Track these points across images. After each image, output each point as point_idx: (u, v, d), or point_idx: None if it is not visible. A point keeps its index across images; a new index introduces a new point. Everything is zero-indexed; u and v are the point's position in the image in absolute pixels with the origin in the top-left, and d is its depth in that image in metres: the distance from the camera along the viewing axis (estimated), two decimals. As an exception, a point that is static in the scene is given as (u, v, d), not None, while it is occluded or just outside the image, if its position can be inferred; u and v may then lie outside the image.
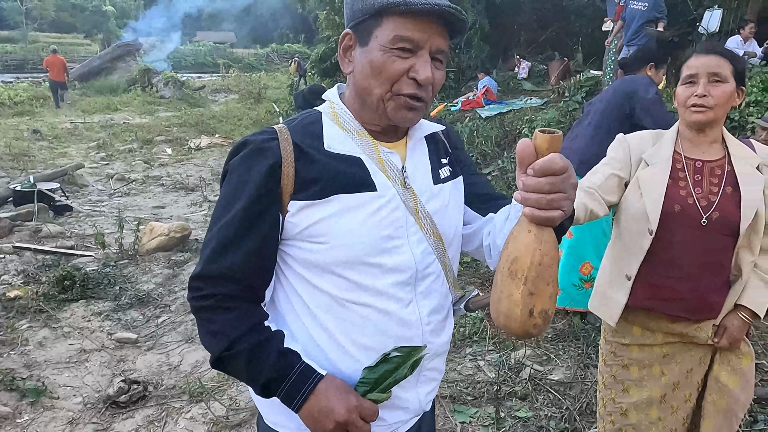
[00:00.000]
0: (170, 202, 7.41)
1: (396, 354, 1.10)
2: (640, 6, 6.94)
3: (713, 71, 1.68)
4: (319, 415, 1.03)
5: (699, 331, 1.80)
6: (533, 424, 2.74)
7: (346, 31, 1.11)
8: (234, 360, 1.05)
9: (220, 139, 11.46)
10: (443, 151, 1.26)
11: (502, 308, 0.94)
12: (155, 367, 3.47)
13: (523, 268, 0.91)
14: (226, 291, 1.06)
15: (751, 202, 1.69)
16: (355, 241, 1.07)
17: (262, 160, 1.06)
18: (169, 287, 4.64)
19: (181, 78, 19.30)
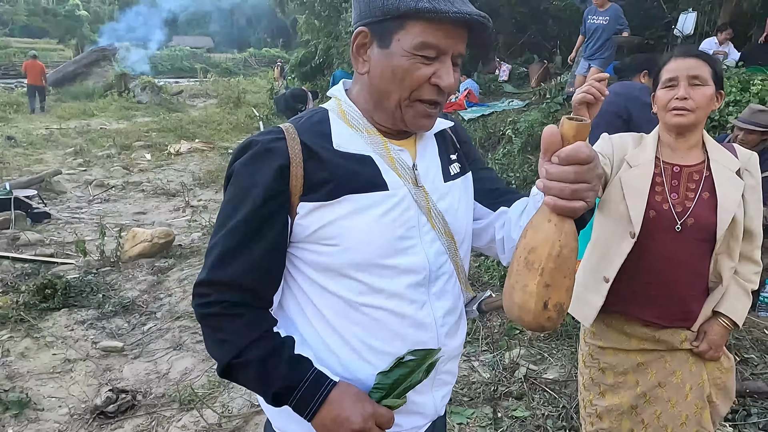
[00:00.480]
0: (152, 208, 7.29)
1: (411, 357, 1.07)
2: (602, 20, 6.99)
3: (693, 74, 1.67)
4: (332, 424, 0.99)
5: (672, 336, 1.76)
6: (530, 424, 2.74)
7: (360, 28, 1.05)
8: (243, 369, 1.02)
9: (201, 144, 11.33)
10: (452, 147, 1.24)
11: (516, 299, 0.91)
12: (143, 376, 3.38)
13: (540, 258, 0.88)
14: (233, 297, 1.02)
15: (728, 207, 1.67)
16: (368, 242, 1.03)
17: (269, 161, 1.02)
18: (154, 294, 4.55)
19: (158, 83, 19.03)
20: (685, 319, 1.74)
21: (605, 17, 6.96)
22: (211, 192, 8.01)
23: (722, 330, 1.74)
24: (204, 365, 3.46)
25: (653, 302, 1.73)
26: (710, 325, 1.75)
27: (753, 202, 1.73)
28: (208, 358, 3.53)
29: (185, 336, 3.83)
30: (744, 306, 1.76)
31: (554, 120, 7.42)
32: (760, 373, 3.13)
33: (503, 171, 6.95)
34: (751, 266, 1.79)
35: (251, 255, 1.02)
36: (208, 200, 7.51)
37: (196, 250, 5.49)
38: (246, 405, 3.02)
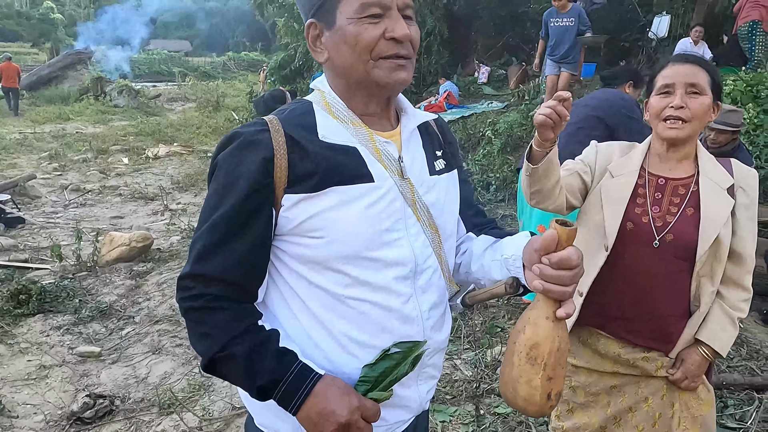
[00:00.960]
0: (129, 212, 7.19)
1: (396, 350, 1.06)
2: (567, 22, 6.93)
3: (691, 81, 1.55)
4: (318, 417, 0.98)
5: (647, 362, 1.67)
6: (513, 420, 2.74)
7: (309, 21, 1.07)
8: (227, 363, 1.00)
9: (179, 148, 11.21)
10: (437, 143, 1.24)
11: (521, 392, 0.98)
12: (121, 381, 3.33)
13: (543, 354, 0.95)
14: (217, 291, 1.00)
15: (711, 226, 1.55)
16: (354, 234, 1.02)
17: (253, 153, 1.01)
18: (132, 298, 4.48)
19: (135, 86, 18.79)
20: (661, 341, 1.65)
21: (570, 18, 6.93)
22: (190, 195, 7.93)
23: (700, 359, 1.61)
24: (184, 369, 3.42)
25: (625, 319, 1.66)
26: (688, 353, 1.63)
27: (745, 222, 1.59)
28: (188, 362, 3.49)
29: (164, 340, 3.77)
30: (729, 335, 1.61)
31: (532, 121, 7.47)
32: (736, 365, 3.18)
33: (483, 172, 7.01)
34: (740, 293, 1.63)
35: (235, 248, 1.00)
36: (188, 203, 7.43)
37: (175, 254, 5.42)
38: (227, 408, 2.98)
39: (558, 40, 7.04)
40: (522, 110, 7.89)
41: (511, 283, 1.06)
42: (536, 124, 1.43)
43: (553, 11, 7.08)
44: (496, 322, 3.69)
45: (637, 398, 1.71)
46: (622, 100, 3.62)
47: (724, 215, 1.56)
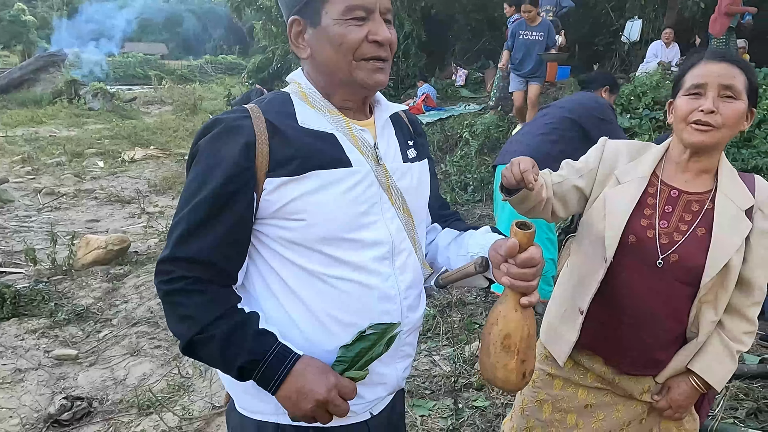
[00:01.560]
0: (105, 215, 7.09)
1: (372, 332, 1.10)
2: (537, 36, 6.68)
3: (726, 83, 1.36)
4: (297, 395, 1.02)
5: (634, 384, 1.56)
6: (490, 412, 2.80)
7: (293, 18, 1.11)
8: (207, 344, 1.02)
9: (156, 151, 11.08)
10: (408, 134, 1.29)
11: (499, 375, 1.11)
12: (99, 383, 3.30)
13: (515, 342, 1.08)
14: (197, 274, 1.03)
15: (722, 251, 1.38)
16: (333, 217, 1.07)
17: (235, 138, 1.04)
18: (109, 301, 4.44)
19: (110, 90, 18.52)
20: (651, 366, 1.53)
21: (540, 32, 6.68)
22: (167, 198, 7.85)
23: (690, 390, 1.49)
24: (163, 370, 3.40)
25: (618, 343, 1.51)
26: (677, 381, 1.51)
27: (760, 249, 1.42)
28: (167, 363, 3.48)
29: (143, 342, 3.75)
30: (726, 369, 1.47)
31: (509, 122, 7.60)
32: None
33: (461, 172, 7.08)
34: (743, 324, 1.47)
35: (216, 231, 1.03)
36: (165, 206, 7.36)
37: (153, 256, 5.37)
38: (207, 407, 2.98)
39: (525, 54, 6.78)
40: (499, 112, 8.00)
41: (480, 262, 1.13)
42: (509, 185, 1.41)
43: (522, 23, 6.82)
44: (474, 319, 3.75)
45: (614, 422, 1.59)
46: (596, 103, 3.73)
47: (738, 241, 1.39)
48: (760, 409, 2.74)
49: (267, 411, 1.14)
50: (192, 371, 3.35)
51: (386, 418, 1.25)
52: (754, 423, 2.65)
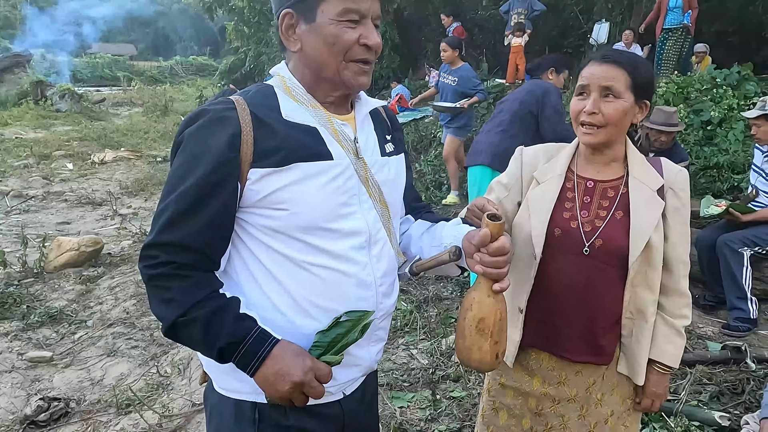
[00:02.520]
0: (76, 217, 6.98)
1: (347, 319, 1.16)
2: (450, 81, 5.98)
3: (605, 84, 1.45)
4: (275, 377, 1.05)
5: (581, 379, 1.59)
6: (467, 402, 2.87)
7: (286, 11, 1.13)
8: (189, 326, 1.06)
9: (127, 153, 10.93)
10: (386, 129, 1.35)
11: (474, 357, 1.18)
12: (75, 384, 3.28)
13: (489, 325, 1.16)
14: (182, 259, 1.06)
15: (641, 230, 1.47)
16: (314, 207, 1.11)
17: (222, 128, 1.07)
18: (83, 303, 4.39)
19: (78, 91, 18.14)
20: (595, 353, 1.56)
21: (454, 78, 5.92)
22: (140, 200, 7.77)
23: (658, 377, 1.57)
24: (141, 369, 3.39)
25: (559, 332, 1.56)
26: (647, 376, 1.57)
27: (676, 225, 1.52)
28: (145, 362, 3.47)
29: (119, 342, 3.73)
30: (676, 347, 1.55)
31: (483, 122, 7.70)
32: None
33: (436, 172, 7.17)
34: (679, 299, 1.56)
35: (201, 218, 1.06)
36: (138, 208, 7.28)
37: (127, 258, 5.32)
38: (187, 405, 2.99)
39: (443, 95, 6.16)
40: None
41: (454, 251, 1.20)
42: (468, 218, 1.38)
43: (445, 65, 6.12)
44: (450, 314, 3.82)
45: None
46: (542, 89, 3.87)
47: (654, 219, 1.49)
48: (723, 392, 2.87)
49: (245, 390, 1.17)
50: (170, 370, 3.35)
51: (359, 398, 1.31)
52: (717, 405, 2.78)
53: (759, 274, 3.86)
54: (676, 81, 6.52)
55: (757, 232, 3.72)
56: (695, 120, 5.94)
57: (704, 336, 3.57)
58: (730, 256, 3.70)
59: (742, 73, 6.25)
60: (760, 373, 3.04)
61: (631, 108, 1.48)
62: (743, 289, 3.65)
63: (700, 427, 2.55)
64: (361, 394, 1.31)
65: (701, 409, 2.67)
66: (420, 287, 4.38)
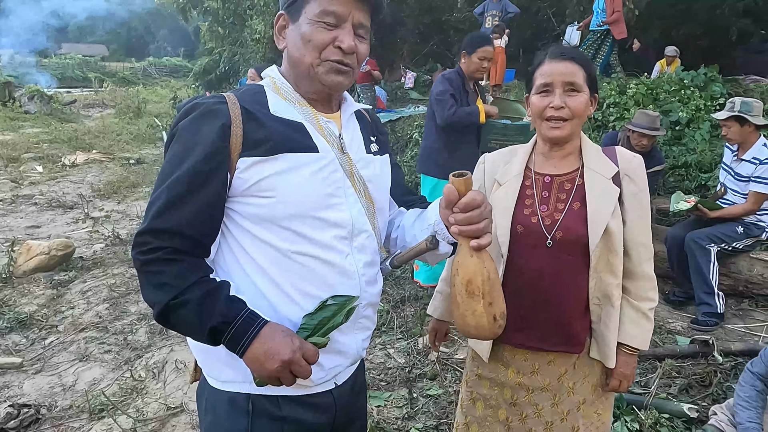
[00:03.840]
0: (47, 221, 6.83)
1: (332, 302, 1.19)
2: None
3: (569, 80, 1.53)
4: (264, 356, 1.08)
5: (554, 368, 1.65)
6: (444, 400, 2.90)
7: (280, 12, 1.24)
8: (182, 308, 1.07)
9: (99, 155, 10.74)
10: (372, 131, 1.40)
11: (470, 322, 1.12)
12: (46, 390, 3.21)
13: (478, 285, 1.10)
14: (174, 245, 1.09)
15: (599, 218, 1.53)
16: (301, 195, 1.16)
17: (213, 120, 1.12)
18: (54, 307, 4.30)
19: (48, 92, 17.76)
20: (567, 342, 1.61)
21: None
22: (113, 203, 7.64)
23: (626, 359, 1.62)
24: (114, 374, 3.34)
25: (532, 325, 1.61)
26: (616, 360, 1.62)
27: (634, 210, 1.57)
28: (118, 367, 3.42)
29: (92, 347, 3.66)
30: (644, 329, 1.61)
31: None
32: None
33: (412, 172, 7.19)
34: (644, 283, 1.61)
35: (193, 205, 1.10)
36: (110, 211, 7.16)
37: (99, 261, 5.24)
38: (161, 408, 2.95)
39: None
40: (447, 113, 8.16)
41: (430, 239, 1.22)
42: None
43: None
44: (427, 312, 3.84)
45: (537, 422, 1.67)
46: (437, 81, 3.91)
47: (610, 205, 1.54)
48: (691, 385, 2.95)
49: (238, 379, 1.19)
50: (145, 374, 3.31)
51: (350, 388, 1.34)
52: (685, 397, 2.86)
53: (726, 270, 3.98)
54: (645, 82, 6.67)
55: (723, 229, 3.83)
56: (664, 120, 6.08)
57: (674, 331, 3.66)
58: (698, 253, 3.80)
59: (708, 74, 6.42)
60: (727, 366, 3.13)
61: (588, 101, 1.57)
62: (710, 284, 3.75)
63: (670, 419, 2.62)
64: (351, 384, 1.35)
65: (670, 402, 2.74)
66: (397, 287, 4.40)
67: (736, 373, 3.09)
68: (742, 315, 3.98)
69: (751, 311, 4.01)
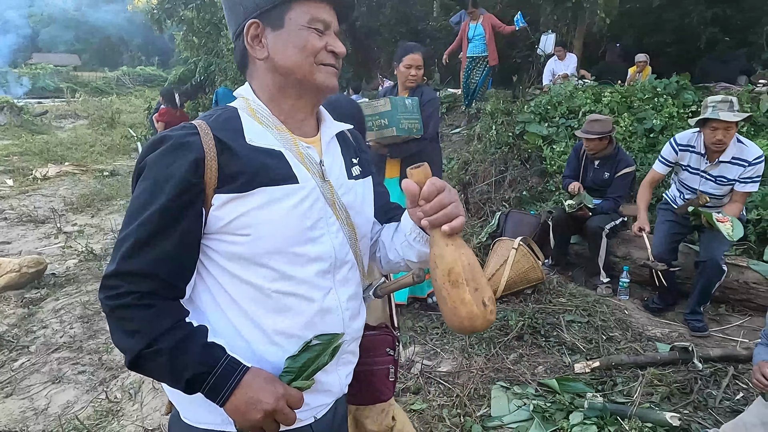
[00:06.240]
0: (17, 236, 6.65)
1: (317, 342, 1.13)
2: None
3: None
4: (246, 406, 1.03)
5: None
6: (428, 414, 2.87)
7: (252, 20, 1.14)
8: (155, 358, 1.01)
9: (71, 167, 10.51)
10: (353, 152, 1.34)
11: (461, 313, 1.06)
12: (17, 414, 3.10)
13: (459, 273, 1.06)
14: (145, 288, 1.02)
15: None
16: (279, 231, 1.09)
17: (185, 154, 1.04)
18: (25, 327, 4.17)
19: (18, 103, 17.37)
20: None
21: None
22: (86, 216, 7.47)
23: None
24: (88, 396, 3.24)
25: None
26: None
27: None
28: (93, 388, 3.32)
29: (65, 368, 3.55)
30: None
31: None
32: (623, 347, 3.52)
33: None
34: None
35: (165, 245, 1.03)
36: (84, 225, 7.00)
37: (72, 278, 5.10)
38: (139, 431, 2.87)
39: None
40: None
41: (417, 273, 1.20)
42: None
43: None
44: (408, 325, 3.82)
45: None
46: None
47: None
48: (673, 393, 2.97)
49: (215, 421, 1.13)
50: (121, 395, 3.21)
51: (330, 420, 1.28)
52: (667, 406, 2.87)
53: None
54: (620, 91, 6.77)
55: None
56: (639, 128, 6.17)
57: (653, 338, 3.69)
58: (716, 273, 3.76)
59: (680, 82, 6.54)
60: (707, 373, 3.16)
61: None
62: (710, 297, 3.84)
63: (653, 428, 2.62)
64: (331, 417, 1.29)
65: (653, 411, 2.75)
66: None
67: (716, 379, 3.12)
68: (720, 320, 4.04)
69: (728, 316, 4.07)
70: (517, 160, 6.59)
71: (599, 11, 9.55)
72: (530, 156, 6.57)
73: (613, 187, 4.61)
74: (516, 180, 6.42)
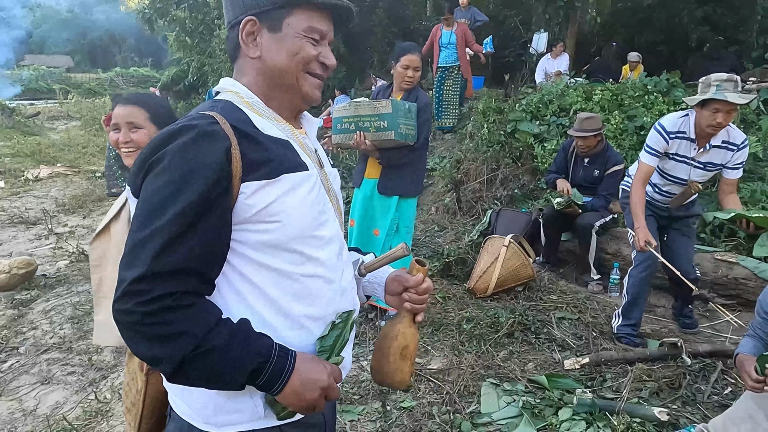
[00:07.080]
0: (8, 238, 6.61)
1: (339, 320, 1.22)
2: None
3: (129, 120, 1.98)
4: (303, 388, 1.07)
5: None
6: (418, 412, 2.87)
7: (249, 18, 1.14)
8: (204, 359, 0.97)
9: (63, 169, 10.47)
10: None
11: (397, 378, 1.34)
12: (6, 416, 3.08)
13: (411, 351, 1.34)
14: (182, 287, 0.97)
15: None
16: (301, 216, 1.12)
17: (213, 143, 1.02)
18: (15, 329, 4.15)
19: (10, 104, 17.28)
20: None
21: None
22: (78, 218, 7.44)
23: None
24: (78, 396, 3.23)
25: None
26: None
27: None
28: (82, 389, 3.31)
29: (54, 369, 3.54)
30: None
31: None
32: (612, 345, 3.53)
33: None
34: None
35: (201, 238, 0.99)
36: (75, 226, 6.97)
37: (63, 279, 5.08)
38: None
39: None
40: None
41: (405, 247, 1.35)
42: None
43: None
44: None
45: None
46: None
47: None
48: (661, 388, 2.98)
49: (242, 420, 1.12)
50: (110, 395, 3.20)
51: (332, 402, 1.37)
52: (656, 401, 2.88)
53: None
54: (611, 89, 6.80)
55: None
56: (629, 125, 6.20)
57: (643, 334, 3.70)
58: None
59: (670, 80, 6.57)
60: (696, 368, 3.18)
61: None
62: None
63: (642, 423, 2.63)
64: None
65: (642, 406, 2.76)
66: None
67: (705, 374, 3.14)
68: (709, 316, 4.06)
69: (717, 312, 4.09)
70: (508, 158, 6.60)
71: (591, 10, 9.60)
72: (522, 154, 6.59)
73: (603, 184, 4.64)
74: (507, 178, 6.43)
